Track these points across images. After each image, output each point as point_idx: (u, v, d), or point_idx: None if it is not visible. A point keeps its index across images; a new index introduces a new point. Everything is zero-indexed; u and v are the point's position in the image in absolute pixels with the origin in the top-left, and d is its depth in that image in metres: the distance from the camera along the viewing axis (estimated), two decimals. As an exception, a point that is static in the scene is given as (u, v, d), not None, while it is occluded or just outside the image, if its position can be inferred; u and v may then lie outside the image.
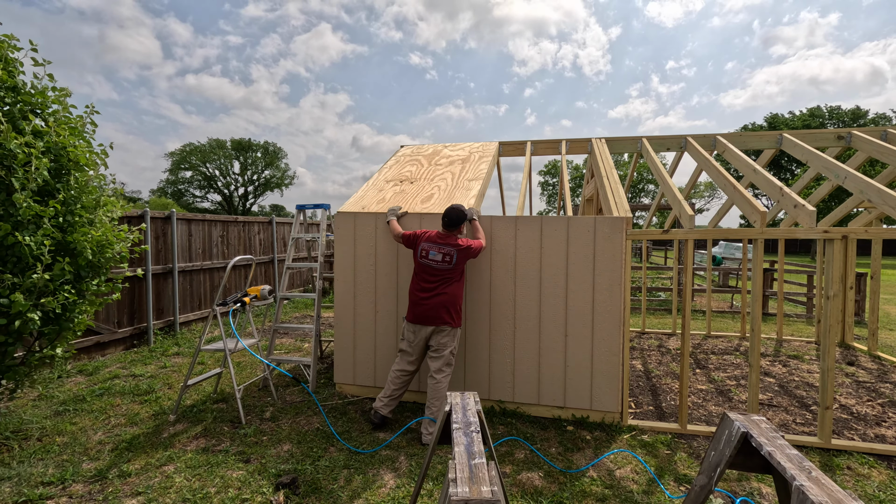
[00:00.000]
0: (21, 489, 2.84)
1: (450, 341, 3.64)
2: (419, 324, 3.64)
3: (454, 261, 3.61)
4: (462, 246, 3.63)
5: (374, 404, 3.77)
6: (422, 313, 3.62)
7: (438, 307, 3.59)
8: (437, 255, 3.63)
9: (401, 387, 3.75)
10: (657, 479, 3.03)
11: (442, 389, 3.58)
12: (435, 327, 3.61)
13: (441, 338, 3.62)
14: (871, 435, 3.75)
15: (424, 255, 3.66)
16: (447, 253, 3.62)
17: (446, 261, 3.61)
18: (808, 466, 1.63)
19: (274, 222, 9.22)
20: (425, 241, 3.70)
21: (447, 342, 3.64)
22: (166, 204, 38.38)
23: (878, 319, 6.26)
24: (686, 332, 3.72)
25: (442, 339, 3.63)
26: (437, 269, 3.63)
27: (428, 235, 3.73)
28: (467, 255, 3.65)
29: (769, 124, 34.21)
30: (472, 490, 1.54)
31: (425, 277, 3.66)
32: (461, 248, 3.62)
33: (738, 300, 10.28)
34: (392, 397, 3.74)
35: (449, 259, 3.61)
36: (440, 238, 3.68)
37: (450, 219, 3.67)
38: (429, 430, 3.53)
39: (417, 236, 3.77)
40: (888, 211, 3.47)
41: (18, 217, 3.03)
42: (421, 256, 3.68)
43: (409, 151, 5.96)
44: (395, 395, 3.74)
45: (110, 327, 5.76)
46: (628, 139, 5.76)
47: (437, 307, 3.59)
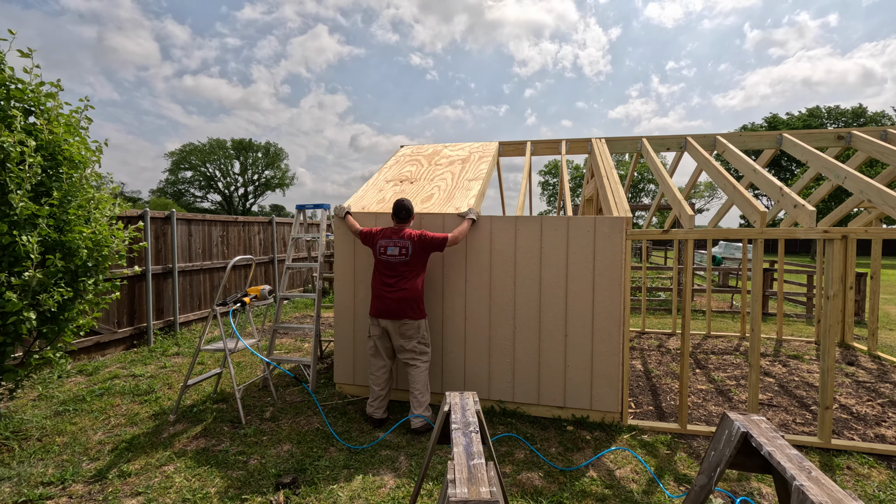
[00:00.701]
0: (21, 489, 2.84)
1: (415, 332, 3.73)
2: (382, 318, 3.72)
3: (410, 253, 3.68)
4: (416, 237, 3.70)
5: (367, 410, 3.85)
6: (385, 307, 3.69)
7: (400, 301, 3.66)
8: (394, 249, 3.72)
9: (385, 385, 3.83)
10: (657, 479, 3.03)
11: (419, 376, 3.70)
12: (398, 321, 3.68)
13: (406, 330, 3.70)
14: (871, 435, 3.75)
15: (383, 252, 3.74)
16: (402, 246, 3.70)
17: (402, 254, 3.69)
18: (807, 466, 1.63)
19: (274, 222, 9.22)
20: (382, 238, 3.80)
21: (412, 334, 3.72)
22: (166, 204, 38.40)
23: (877, 319, 6.25)
24: (686, 332, 3.72)
25: (407, 331, 3.70)
26: (395, 264, 3.70)
27: (383, 232, 3.83)
28: (424, 246, 3.71)
29: (769, 124, 34.20)
30: (471, 491, 1.54)
31: (386, 273, 3.73)
32: (415, 240, 3.70)
33: (738, 300, 10.27)
34: (380, 398, 3.81)
35: (405, 252, 3.69)
36: (394, 233, 3.79)
37: (402, 211, 3.78)
38: (418, 422, 3.62)
39: (374, 234, 3.86)
40: (888, 211, 3.47)
41: (15, 216, 3.02)
42: (380, 253, 3.76)
43: (408, 151, 5.96)
44: (382, 394, 3.82)
45: (110, 327, 5.76)
46: (628, 139, 5.76)
47: (399, 301, 3.66)
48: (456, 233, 3.79)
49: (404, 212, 3.79)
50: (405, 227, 3.81)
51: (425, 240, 3.72)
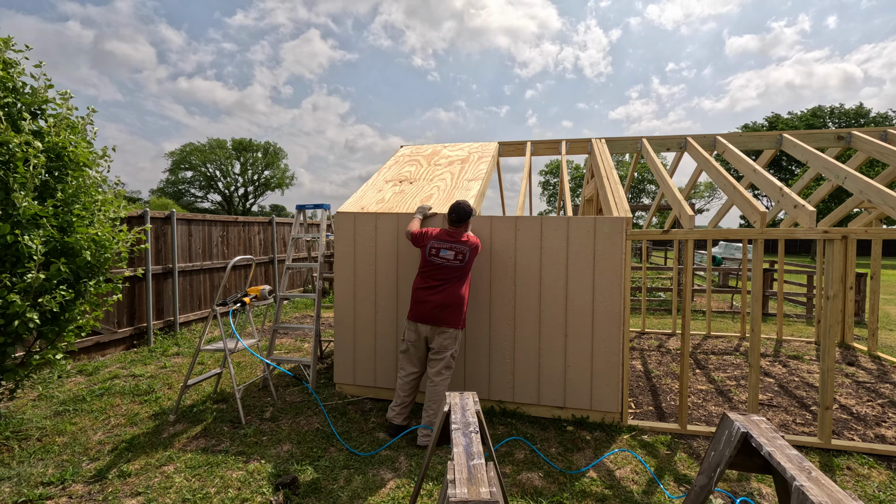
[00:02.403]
0: (21, 489, 2.84)
1: (451, 343, 3.56)
2: (421, 322, 3.56)
3: (466, 259, 3.55)
4: (473, 244, 3.60)
5: (388, 414, 3.65)
6: (425, 312, 3.53)
7: (443, 307, 3.51)
8: (448, 252, 3.54)
9: (410, 392, 3.64)
10: (657, 480, 3.03)
11: (440, 393, 3.51)
12: (437, 327, 3.53)
13: (443, 339, 3.54)
14: (871, 435, 3.74)
15: (435, 254, 3.56)
16: (459, 251, 3.54)
17: (458, 259, 3.53)
18: (807, 467, 1.63)
19: (274, 222, 9.22)
20: (434, 239, 3.61)
21: (449, 344, 3.55)
22: (166, 204, 38.37)
23: (877, 319, 6.25)
24: (686, 333, 3.72)
25: (444, 340, 3.54)
26: (447, 268, 3.54)
27: (435, 234, 3.66)
28: (476, 254, 3.64)
29: (769, 124, 34.21)
30: (471, 491, 1.54)
31: (433, 276, 3.56)
32: (472, 247, 3.58)
33: (738, 300, 10.27)
34: (404, 404, 3.63)
35: (461, 258, 3.54)
36: (449, 236, 3.60)
37: (458, 214, 3.58)
38: (423, 433, 3.48)
39: (425, 234, 3.68)
40: (888, 211, 3.47)
41: (18, 217, 3.03)
42: (430, 255, 3.57)
43: (408, 152, 5.96)
44: (407, 401, 3.64)
45: (110, 327, 5.76)
46: (628, 139, 5.76)
47: (442, 307, 3.51)
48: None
49: (455, 215, 3.58)
50: (462, 232, 3.63)
51: (478, 249, 3.63)
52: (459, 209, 3.60)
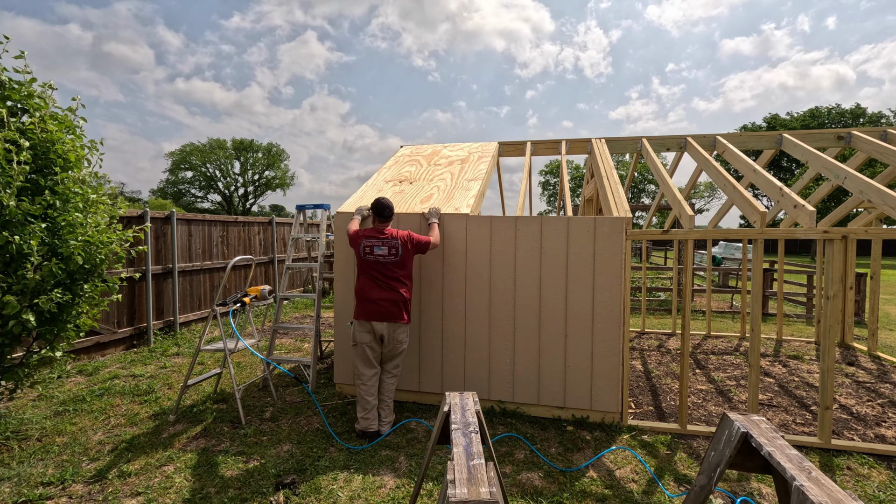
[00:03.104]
0: (21, 489, 2.84)
1: (405, 337, 3.68)
2: (377, 321, 3.56)
3: (400, 253, 3.60)
4: (402, 236, 3.64)
5: (360, 425, 3.56)
6: (379, 310, 3.55)
7: (394, 302, 3.57)
8: (382, 249, 3.59)
9: (376, 394, 3.65)
10: (657, 480, 3.03)
11: (393, 385, 3.71)
12: (393, 323, 3.58)
13: (399, 334, 3.62)
14: (871, 435, 3.74)
15: (369, 252, 3.60)
16: (392, 245, 3.59)
17: (393, 254, 3.59)
18: (807, 466, 1.63)
19: (274, 222, 9.22)
20: (366, 238, 3.64)
21: (404, 338, 3.66)
22: (165, 204, 38.37)
23: (877, 319, 6.25)
24: (686, 333, 3.72)
25: (400, 335, 3.63)
26: (386, 264, 3.59)
27: (367, 233, 3.69)
28: (414, 247, 3.66)
29: (769, 125, 34.21)
30: (471, 491, 1.54)
31: (374, 274, 3.60)
32: (404, 240, 3.63)
33: (737, 300, 10.27)
34: (374, 408, 3.60)
35: (395, 251, 3.60)
36: (378, 233, 3.65)
37: (387, 210, 3.67)
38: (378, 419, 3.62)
39: (358, 234, 3.69)
40: (888, 211, 3.47)
41: (7, 216, 2.97)
42: (365, 254, 3.61)
43: (408, 152, 5.96)
44: (375, 404, 3.62)
45: (110, 327, 5.76)
46: (628, 139, 5.76)
47: (394, 302, 3.57)
48: (436, 238, 3.82)
49: (388, 210, 3.67)
50: (388, 226, 3.71)
51: (414, 240, 3.67)
52: (385, 205, 3.67)
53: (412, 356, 4.21)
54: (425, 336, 4.18)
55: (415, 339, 4.21)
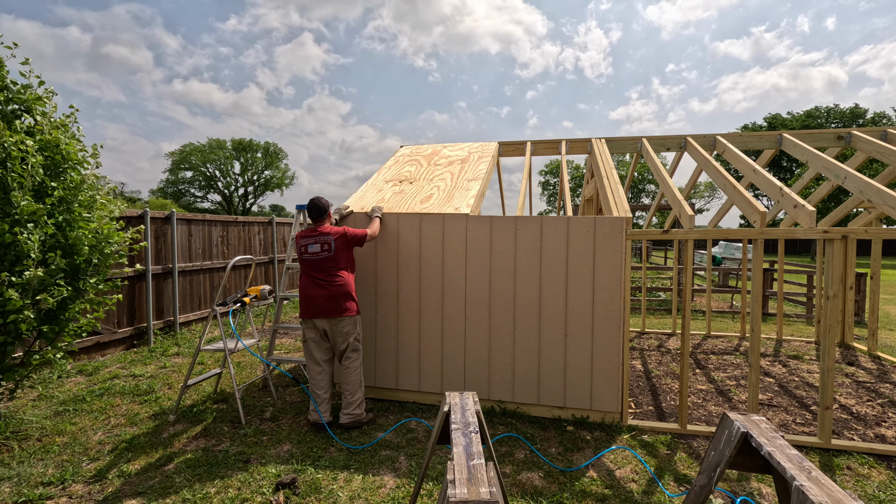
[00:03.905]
0: (21, 489, 2.84)
1: (351, 329, 3.70)
2: (316, 318, 3.65)
3: (333, 248, 3.66)
4: (336, 231, 3.70)
5: (310, 417, 3.71)
6: (316, 307, 3.63)
7: (331, 298, 3.61)
8: (315, 246, 3.68)
9: (326, 388, 3.74)
10: (657, 479, 3.03)
11: (352, 374, 3.68)
12: (332, 318, 3.63)
13: (342, 327, 3.66)
14: (871, 435, 3.74)
15: (304, 251, 3.71)
16: (324, 241, 3.68)
17: (325, 250, 3.66)
18: (807, 466, 1.63)
19: (274, 222, 9.22)
20: (301, 238, 3.77)
21: (349, 330, 3.68)
22: (165, 204, 38.37)
23: (877, 319, 6.25)
24: (686, 332, 3.72)
25: (343, 328, 3.66)
26: (320, 261, 3.66)
27: (302, 232, 3.81)
28: (347, 241, 3.72)
29: (769, 124, 34.22)
30: (471, 491, 1.54)
31: (311, 271, 3.68)
32: (336, 235, 3.69)
33: (737, 300, 10.27)
34: (325, 401, 3.71)
35: (328, 247, 3.66)
36: (312, 231, 3.75)
37: (315, 210, 3.76)
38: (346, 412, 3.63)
39: (297, 235, 3.84)
40: (888, 211, 3.47)
41: (16, 215, 3.04)
42: (301, 253, 3.74)
43: (408, 152, 5.96)
44: (325, 398, 3.72)
45: (110, 327, 5.76)
46: (628, 139, 5.76)
47: (332, 298, 3.61)
48: (373, 230, 3.92)
49: (315, 210, 3.76)
50: (324, 225, 3.79)
51: (349, 234, 3.74)
52: (314, 204, 3.78)
53: (412, 356, 4.22)
54: (425, 336, 4.18)
55: (414, 338, 4.21)
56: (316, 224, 3.81)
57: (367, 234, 3.85)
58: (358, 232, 3.80)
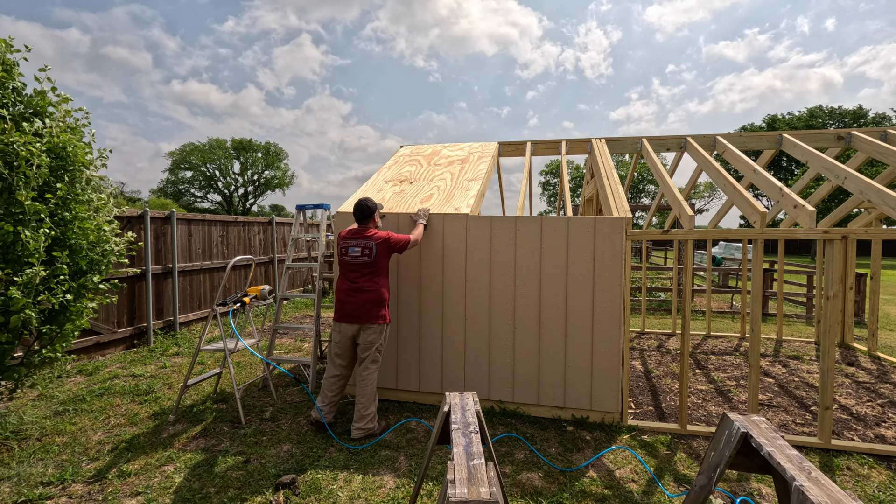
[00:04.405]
0: (21, 489, 2.84)
1: (377, 338, 3.62)
2: (346, 322, 3.60)
3: (374, 254, 3.58)
4: (380, 237, 3.62)
5: (313, 414, 3.69)
6: (347, 312, 3.58)
7: (363, 304, 3.56)
8: (356, 249, 3.60)
9: (337, 392, 3.69)
10: (657, 480, 3.03)
11: (368, 386, 3.60)
12: (361, 325, 3.58)
13: (368, 335, 3.60)
14: (871, 435, 3.74)
15: (345, 252, 3.63)
16: (366, 246, 3.59)
17: (366, 254, 3.58)
18: (807, 467, 1.63)
19: (274, 222, 9.22)
20: (343, 239, 3.68)
21: (374, 339, 3.61)
22: (165, 204, 38.37)
23: (877, 320, 6.25)
24: (686, 333, 3.72)
25: (369, 336, 3.60)
26: (358, 265, 3.58)
27: (344, 233, 3.72)
28: (388, 247, 3.63)
29: (769, 125, 34.21)
30: (471, 491, 1.54)
31: (349, 275, 3.62)
32: (379, 241, 3.60)
33: (737, 300, 10.27)
34: (331, 403, 3.68)
35: (368, 252, 3.58)
36: (356, 233, 3.67)
37: (361, 211, 3.66)
38: (356, 427, 3.54)
39: (339, 235, 3.75)
40: (888, 211, 3.47)
41: (21, 215, 3.05)
42: (341, 254, 3.66)
43: (408, 152, 5.96)
44: (333, 400, 3.68)
45: (110, 327, 5.76)
46: (628, 139, 5.76)
47: (363, 304, 3.56)
48: (416, 236, 3.80)
49: (360, 212, 3.66)
50: (369, 228, 3.69)
51: (391, 241, 3.63)
52: (360, 205, 3.67)
53: (412, 356, 4.22)
54: (425, 336, 4.18)
55: (414, 338, 4.21)
56: (360, 226, 3.69)
57: (409, 240, 3.71)
58: (401, 238, 3.67)
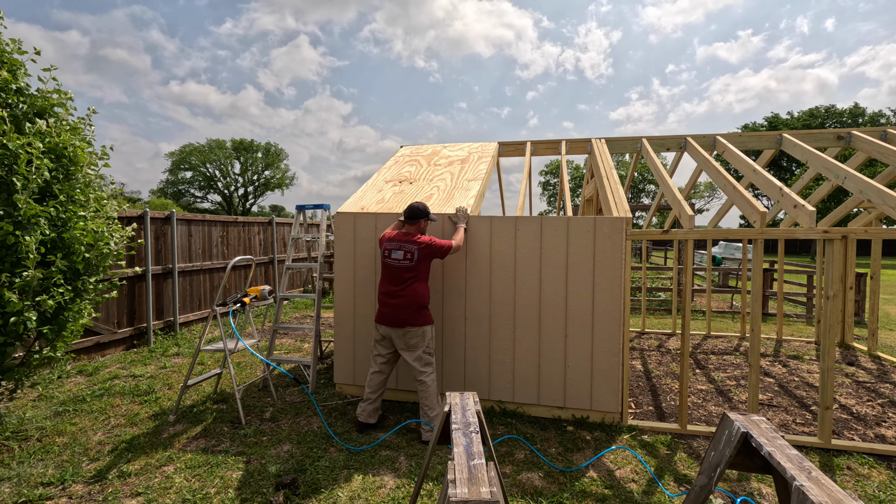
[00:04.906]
0: (21, 490, 2.84)
1: (419, 341, 3.58)
2: (385, 325, 3.60)
3: (415, 258, 3.55)
4: (423, 243, 3.58)
5: (357, 412, 3.71)
6: (387, 315, 3.57)
7: (402, 308, 3.54)
8: (398, 253, 3.58)
9: (376, 389, 3.70)
10: (657, 480, 3.03)
11: (428, 390, 3.56)
12: (399, 328, 3.56)
13: (409, 339, 3.57)
14: (871, 435, 3.74)
15: (388, 255, 3.62)
16: (409, 250, 3.56)
17: (407, 258, 3.55)
18: (807, 466, 1.63)
19: (274, 223, 9.22)
20: (387, 241, 3.66)
21: (416, 342, 3.58)
22: (165, 204, 38.34)
23: (877, 319, 6.25)
24: (686, 333, 3.72)
25: (410, 339, 3.58)
26: (400, 269, 3.56)
27: (389, 235, 3.71)
28: (430, 253, 3.59)
29: (769, 124, 34.22)
30: (472, 491, 1.54)
31: (390, 278, 3.60)
32: (422, 246, 3.57)
33: (737, 300, 10.27)
34: (370, 401, 3.69)
35: (410, 257, 3.55)
36: (404, 235, 3.65)
37: (410, 212, 3.65)
38: (427, 430, 3.51)
39: (383, 237, 3.74)
40: (888, 211, 3.47)
41: (19, 217, 3.04)
42: (384, 256, 3.64)
43: (408, 152, 5.96)
44: (373, 398, 3.70)
45: (110, 327, 5.76)
46: (628, 139, 5.76)
47: (401, 308, 3.54)
48: (458, 241, 3.74)
49: (408, 214, 3.65)
50: (415, 232, 3.67)
51: (433, 246, 3.59)
52: (412, 208, 3.67)
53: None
54: (425, 336, 4.18)
55: (415, 339, 4.21)
56: (406, 229, 3.69)
57: (451, 245, 3.64)
58: (444, 244, 3.61)
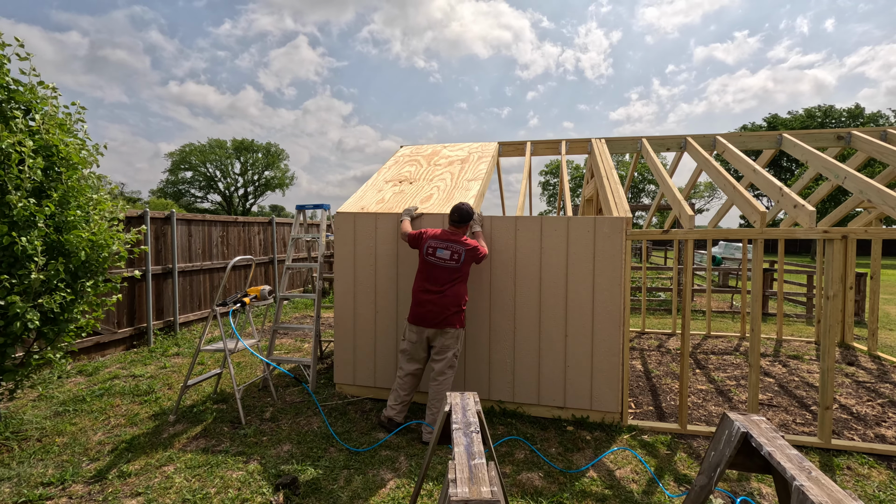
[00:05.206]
0: (21, 490, 2.83)
1: (454, 343, 3.57)
2: (422, 325, 3.57)
3: (462, 259, 3.54)
4: (470, 245, 3.58)
5: (386, 412, 3.65)
6: (425, 314, 3.54)
7: (444, 308, 3.51)
8: (445, 252, 3.55)
9: (409, 391, 3.67)
10: (657, 479, 3.03)
11: (443, 392, 3.53)
12: (438, 329, 3.54)
13: (445, 339, 3.55)
14: (871, 435, 3.75)
15: (431, 253, 3.58)
16: (456, 251, 3.54)
17: (454, 259, 3.53)
18: (807, 466, 1.63)
19: (274, 223, 9.22)
20: (431, 239, 3.63)
21: (451, 344, 3.56)
22: (166, 204, 38.34)
23: (877, 319, 6.25)
24: (686, 332, 3.72)
25: (446, 340, 3.56)
26: (444, 268, 3.54)
27: (434, 234, 3.68)
28: (474, 257, 3.59)
29: (769, 124, 34.23)
30: (472, 490, 1.54)
31: (431, 277, 3.57)
32: (469, 248, 3.57)
33: (737, 300, 10.27)
34: (403, 403, 3.66)
35: (457, 258, 3.53)
36: (447, 236, 3.63)
37: (460, 214, 3.64)
38: (428, 432, 3.51)
39: (423, 234, 3.70)
40: (888, 211, 3.47)
41: (14, 217, 3.01)
42: (427, 254, 3.60)
43: (408, 152, 5.96)
44: (405, 399, 3.66)
45: (110, 327, 5.76)
46: (628, 139, 5.76)
47: (443, 308, 3.51)
48: (487, 250, 3.75)
49: (457, 215, 3.63)
50: (461, 233, 3.66)
51: (478, 251, 3.58)
52: (461, 209, 3.65)
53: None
54: (425, 336, 4.18)
55: (415, 339, 4.20)
56: (452, 229, 3.67)
57: (486, 253, 3.70)
58: (485, 251, 3.65)
